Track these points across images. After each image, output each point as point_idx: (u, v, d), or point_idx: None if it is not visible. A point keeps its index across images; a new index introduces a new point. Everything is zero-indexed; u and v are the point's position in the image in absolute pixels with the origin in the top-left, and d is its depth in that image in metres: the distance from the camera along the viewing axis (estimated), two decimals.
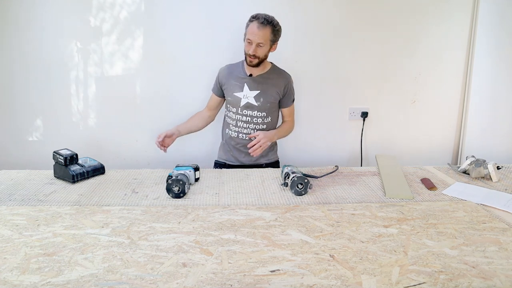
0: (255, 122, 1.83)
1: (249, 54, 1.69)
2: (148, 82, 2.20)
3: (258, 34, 1.65)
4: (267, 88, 1.80)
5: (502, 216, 1.19)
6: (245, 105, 1.80)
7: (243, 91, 1.80)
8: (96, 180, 1.51)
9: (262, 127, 1.84)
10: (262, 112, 1.81)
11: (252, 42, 1.67)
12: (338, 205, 1.27)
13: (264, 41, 1.67)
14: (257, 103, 1.79)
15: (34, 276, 0.84)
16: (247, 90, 1.79)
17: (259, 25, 1.65)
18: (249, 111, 1.81)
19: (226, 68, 1.88)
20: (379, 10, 2.19)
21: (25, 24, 2.06)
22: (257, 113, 1.81)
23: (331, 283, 0.84)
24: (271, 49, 1.76)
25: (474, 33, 2.24)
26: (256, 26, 1.66)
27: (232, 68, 1.86)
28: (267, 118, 1.84)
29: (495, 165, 1.54)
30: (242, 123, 1.84)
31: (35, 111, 2.20)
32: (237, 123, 1.85)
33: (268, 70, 1.83)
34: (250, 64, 1.73)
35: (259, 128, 1.84)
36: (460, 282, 0.84)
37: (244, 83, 1.80)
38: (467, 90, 2.33)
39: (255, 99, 1.79)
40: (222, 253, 0.95)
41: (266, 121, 1.84)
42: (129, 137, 2.27)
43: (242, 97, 1.80)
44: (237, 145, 1.89)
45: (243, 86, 1.80)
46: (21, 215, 1.16)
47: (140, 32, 2.13)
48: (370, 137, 2.38)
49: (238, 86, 1.81)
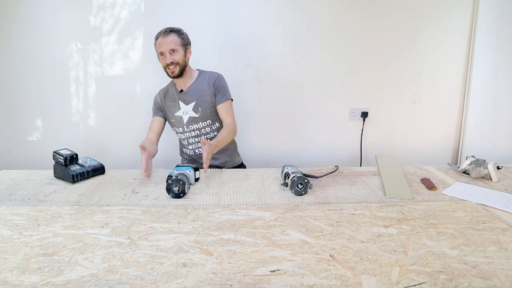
0: (203, 132, 1.82)
1: (167, 64, 1.68)
2: (148, 82, 2.21)
3: (166, 42, 1.67)
4: (200, 95, 1.78)
5: (502, 216, 1.19)
6: (188, 120, 1.80)
7: (181, 108, 1.80)
8: (96, 180, 1.51)
9: (214, 135, 1.82)
10: (206, 120, 1.80)
11: (164, 52, 1.67)
12: (338, 205, 1.27)
13: (175, 46, 1.68)
14: (197, 113, 1.78)
15: (34, 276, 0.84)
16: (184, 105, 1.79)
17: (163, 35, 1.68)
18: (194, 125, 1.80)
19: (159, 94, 1.87)
20: (379, 10, 2.19)
21: (25, 24, 2.07)
22: (202, 124, 1.80)
23: (331, 283, 0.84)
24: (186, 54, 1.74)
25: (474, 33, 2.24)
26: (161, 38, 1.68)
27: (164, 91, 1.85)
28: (214, 125, 1.82)
29: (495, 165, 1.54)
30: (193, 138, 1.84)
31: (35, 111, 2.20)
32: (188, 141, 1.85)
33: (196, 78, 1.81)
34: (173, 75, 1.71)
35: (210, 136, 1.82)
36: (460, 282, 0.84)
37: (179, 101, 1.79)
38: (467, 90, 2.33)
39: (194, 111, 1.78)
40: (222, 253, 0.95)
41: (214, 128, 1.83)
42: (129, 137, 2.27)
43: (183, 114, 1.80)
44: (200, 159, 1.83)
45: (178, 104, 1.80)
46: (21, 215, 1.16)
47: (140, 32, 2.13)
48: (370, 137, 2.38)
49: (175, 105, 1.81)
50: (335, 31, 2.20)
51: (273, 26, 2.08)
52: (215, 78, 1.79)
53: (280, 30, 2.15)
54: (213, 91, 1.78)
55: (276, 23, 2.13)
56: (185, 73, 1.75)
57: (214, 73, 1.82)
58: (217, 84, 1.79)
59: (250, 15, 2.12)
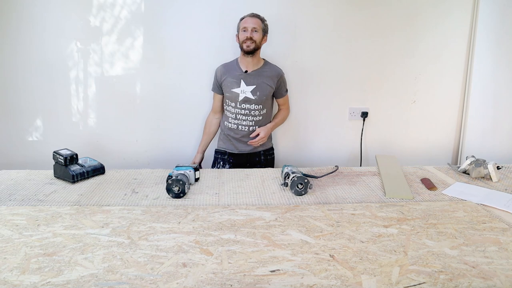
0: (252, 114, 1.97)
1: (246, 37, 1.85)
2: (148, 82, 2.21)
3: (252, 21, 1.87)
4: (262, 82, 1.94)
5: (502, 216, 1.19)
6: (243, 99, 1.94)
7: (240, 86, 1.93)
8: (96, 180, 1.51)
9: (259, 118, 1.99)
10: (259, 105, 1.95)
11: (247, 28, 1.86)
12: (338, 205, 1.27)
13: (258, 27, 1.87)
14: (254, 96, 1.93)
15: (34, 276, 0.84)
16: (244, 85, 1.93)
17: (250, 16, 1.89)
18: (247, 104, 1.95)
19: (222, 67, 2.00)
20: (379, 10, 2.19)
21: (25, 24, 2.06)
22: (254, 106, 1.95)
23: (331, 283, 0.84)
24: (263, 40, 1.92)
25: (474, 33, 2.24)
26: (248, 17, 1.89)
27: (228, 67, 1.99)
28: (263, 110, 1.98)
29: (495, 165, 1.54)
30: (241, 115, 1.97)
31: (35, 111, 2.20)
32: (236, 116, 1.98)
33: (262, 65, 1.97)
34: (248, 49, 1.86)
35: (256, 119, 1.98)
36: (460, 282, 0.84)
37: (241, 79, 1.93)
38: (467, 90, 2.33)
39: (252, 93, 1.93)
40: (222, 253, 0.95)
41: (262, 113, 1.99)
42: (129, 137, 2.27)
43: (240, 92, 1.93)
44: (236, 136, 2.01)
45: (240, 82, 1.92)
46: (21, 215, 1.16)
47: (140, 32, 2.13)
48: (370, 137, 2.38)
49: (235, 82, 1.94)
50: (335, 31, 2.20)
51: (273, 26, 2.08)
52: (281, 75, 2.00)
53: (280, 30, 2.15)
54: (275, 84, 1.98)
55: (276, 23, 2.13)
56: (255, 55, 1.91)
57: (279, 69, 2.01)
58: (281, 80, 2.00)
59: None
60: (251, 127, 1.98)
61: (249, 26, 1.86)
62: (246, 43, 1.86)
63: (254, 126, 1.98)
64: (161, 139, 2.26)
